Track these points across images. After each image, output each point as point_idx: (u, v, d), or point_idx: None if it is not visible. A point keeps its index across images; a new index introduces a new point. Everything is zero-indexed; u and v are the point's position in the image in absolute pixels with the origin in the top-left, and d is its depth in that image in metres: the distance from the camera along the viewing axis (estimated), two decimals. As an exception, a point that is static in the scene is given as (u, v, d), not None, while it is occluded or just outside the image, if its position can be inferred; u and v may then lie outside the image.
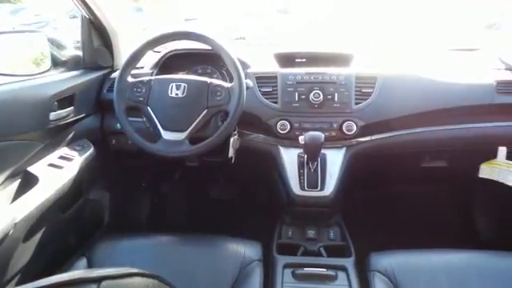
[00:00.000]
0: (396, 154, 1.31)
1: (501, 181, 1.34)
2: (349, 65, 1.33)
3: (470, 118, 1.26)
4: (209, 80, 1.13)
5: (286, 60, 1.36)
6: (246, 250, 1.07)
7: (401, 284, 0.96)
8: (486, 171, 1.37)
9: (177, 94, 1.12)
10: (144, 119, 1.20)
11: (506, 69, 1.33)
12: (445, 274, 0.98)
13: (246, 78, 1.20)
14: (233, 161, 1.25)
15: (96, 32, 1.35)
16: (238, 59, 1.20)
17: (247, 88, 1.15)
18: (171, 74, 1.27)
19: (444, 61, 1.46)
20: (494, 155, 1.32)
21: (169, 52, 1.40)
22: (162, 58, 1.40)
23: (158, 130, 1.11)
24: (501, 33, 1.44)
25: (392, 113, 1.23)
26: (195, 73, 1.39)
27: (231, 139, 1.22)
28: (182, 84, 1.12)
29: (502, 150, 1.30)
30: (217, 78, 1.31)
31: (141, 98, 1.13)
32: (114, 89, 1.14)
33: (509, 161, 1.31)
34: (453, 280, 0.97)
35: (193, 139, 1.11)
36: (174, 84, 1.13)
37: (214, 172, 1.71)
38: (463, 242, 1.55)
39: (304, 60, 1.39)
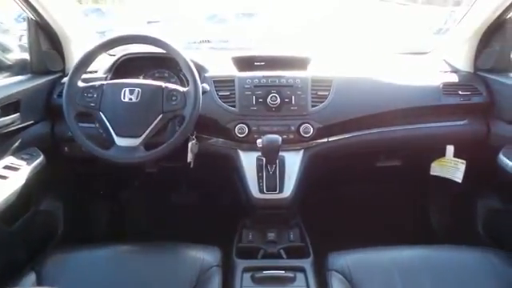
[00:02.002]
0: (352, 155, 1.35)
1: (450, 177, 1.41)
2: (306, 68, 1.35)
3: (420, 118, 1.32)
4: (164, 84, 1.11)
5: (245, 63, 1.37)
6: (204, 256, 1.06)
7: (357, 282, 0.99)
8: (437, 169, 1.45)
9: (130, 99, 1.09)
10: (97, 125, 1.16)
11: (452, 71, 1.41)
12: (398, 270, 1.02)
13: (203, 82, 1.20)
14: (192, 166, 1.23)
15: (44, 34, 1.29)
16: (196, 63, 1.20)
17: (204, 92, 1.14)
18: (127, 78, 1.24)
19: (396, 64, 1.52)
20: (443, 153, 1.39)
21: (123, 55, 1.36)
22: (116, 61, 1.36)
23: (111, 135, 1.08)
24: (447, 37, 1.51)
25: (347, 115, 1.27)
26: (152, 77, 1.36)
27: (189, 144, 1.21)
28: (136, 89, 1.10)
29: (450, 148, 1.37)
30: (174, 83, 1.29)
31: (92, 104, 1.09)
32: (63, 94, 1.10)
33: (456, 158, 1.38)
34: (405, 275, 1.00)
35: (149, 145, 1.09)
36: (127, 89, 1.10)
37: (175, 177, 1.68)
38: (419, 237, 1.62)
39: (263, 63, 1.40)
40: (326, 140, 1.28)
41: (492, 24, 1.29)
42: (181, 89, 1.10)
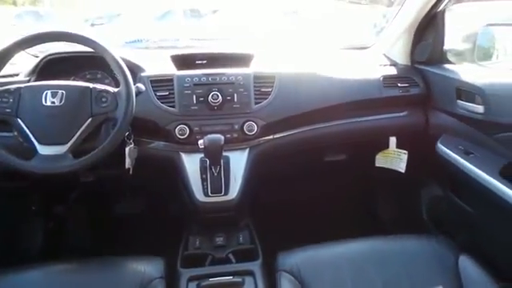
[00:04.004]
0: (299, 151, 1.33)
1: (394, 168, 1.45)
2: (249, 65, 1.32)
3: (363, 111, 1.34)
4: (91, 85, 1.03)
5: (186, 62, 1.30)
6: (146, 268, 0.99)
7: (306, 280, 0.97)
8: (381, 160, 1.48)
9: (53, 103, 0.99)
10: (15, 133, 1.04)
11: (391, 64, 1.45)
12: (347, 264, 1.01)
13: (138, 82, 1.13)
14: (131, 172, 1.15)
15: None
16: (131, 62, 1.12)
17: (139, 92, 1.07)
18: (53, 80, 1.13)
19: (338, 59, 1.53)
20: (387, 145, 1.42)
21: (48, 56, 1.24)
22: (39, 62, 1.23)
23: (33, 144, 0.98)
24: (384, 32, 1.55)
25: (292, 111, 1.25)
26: (83, 78, 1.26)
27: (127, 149, 1.12)
28: (60, 91, 1.00)
29: (393, 140, 1.41)
30: (108, 84, 1.19)
31: (8, 110, 0.98)
32: None
33: (399, 149, 1.42)
34: (354, 268, 1.00)
35: (79, 152, 1.00)
36: (49, 91, 1.00)
37: (115, 186, 1.57)
38: (368, 229, 1.64)
39: (205, 62, 1.35)
40: (271, 137, 1.25)
41: (424, 18, 1.34)
42: (111, 89, 1.03)
